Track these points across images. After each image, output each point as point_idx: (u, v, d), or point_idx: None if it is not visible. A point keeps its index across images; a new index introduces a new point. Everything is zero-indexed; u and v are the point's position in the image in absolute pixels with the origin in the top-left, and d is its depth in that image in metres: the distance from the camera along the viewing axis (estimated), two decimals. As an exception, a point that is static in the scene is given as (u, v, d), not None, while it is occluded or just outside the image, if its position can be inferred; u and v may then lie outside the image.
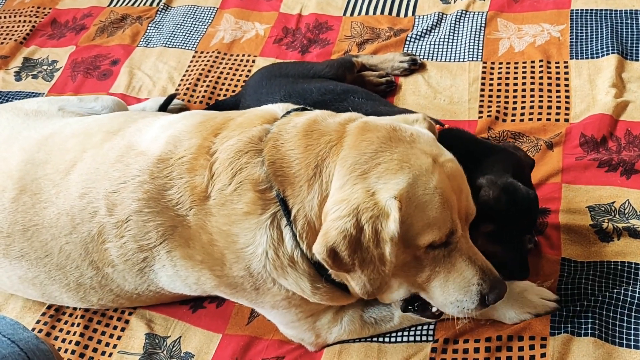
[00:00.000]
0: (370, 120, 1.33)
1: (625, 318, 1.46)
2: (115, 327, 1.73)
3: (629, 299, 1.48)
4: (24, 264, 1.59)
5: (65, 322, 1.76)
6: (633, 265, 1.57)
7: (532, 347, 1.46)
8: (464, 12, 2.40)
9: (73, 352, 1.69)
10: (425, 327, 1.56)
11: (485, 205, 1.43)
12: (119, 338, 1.71)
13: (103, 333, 1.73)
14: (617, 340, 1.44)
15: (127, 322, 1.73)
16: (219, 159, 1.36)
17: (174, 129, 1.47)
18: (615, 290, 1.51)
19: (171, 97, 2.24)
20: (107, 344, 1.70)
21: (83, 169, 1.51)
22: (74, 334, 1.73)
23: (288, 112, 1.42)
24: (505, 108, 2.06)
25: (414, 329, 1.56)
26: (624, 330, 1.45)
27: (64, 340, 1.73)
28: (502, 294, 1.32)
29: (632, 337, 1.43)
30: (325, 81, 1.99)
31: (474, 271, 1.29)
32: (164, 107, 2.21)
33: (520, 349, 1.46)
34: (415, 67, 2.24)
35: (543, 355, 1.44)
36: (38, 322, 1.77)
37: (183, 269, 1.46)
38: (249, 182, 1.32)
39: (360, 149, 1.23)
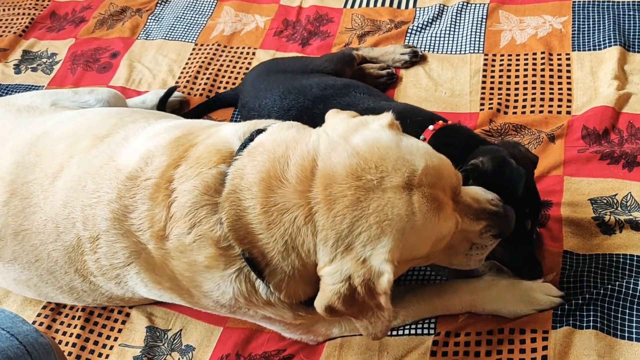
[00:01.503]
0: (330, 180, 1.18)
1: (627, 311, 1.46)
2: (116, 321, 1.73)
3: (630, 292, 1.47)
4: (16, 267, 1.58)
5: (66, 316, 1.76)
6: (635, 258, 1.56)
7: (533, 340, 1.46)
8: (465, 4, 2.38)
9: (74, 345, 1.69)
10: (427, 320, 1.55)
11: (474, 173, 1.43)
12: (119, 331, 1.71)
13: (104, 326, 1.73)
14: (618, 332, 1.44)
15: (127, 315, 1.73)
16: (177, 201, 1.31)
17: (153, 143, 1.42)
18: (617, 283, 1.51)
19: (171, 90, 2.23)
20: (108, 337, 1.71)
21: (68, 176, 1.48)
22: (75, 327, 1.73)
23: (243, 146, 1.32)
24: (507, 100, 2.05)
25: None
26: (626, 323, 1.45)
27: (64, 334, 1.73)
28: (510, 227, 1.36)
29: (633, 330, 1.43)
30: (325, 76, 1.96)
31: (480, 225, 1.32)
32: (164, 100, 2.20)
33: (522, 342, 1.46)
34: (416, 59, 2.23)
35: (545, 348, 1.43)
36: (39, 315, 1.77)
37: (155, 289, 1.45)
38: (209, 238, 1.27)
39: (335, 228, 1.16)
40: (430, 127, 1.60)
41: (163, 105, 2.20)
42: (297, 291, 1.27)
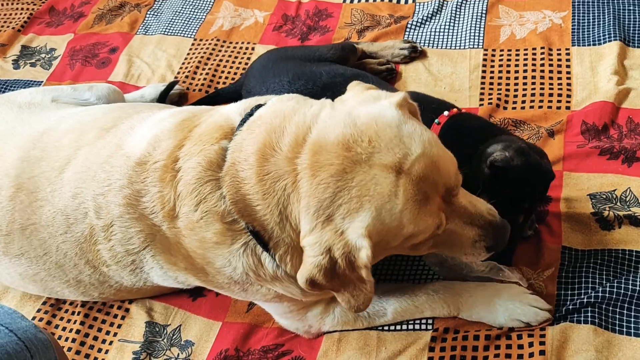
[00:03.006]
0: (319, 147, 1.18)
1: (626, 306, 1.46)
2: (115, 316, 1.73)
3: (630, 287, 1.47)
4: (23, 262, 1.59)
5: (66, 311, 1.76)
6: (634, 254, 1.56)
7: (531, 335, 1.46)
8: (465, -2, 2.38)
9: (74, 340, 1.70)
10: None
11: (496, 168, 1.43)
12: (119, 327, 1.71)
13: (103, 322, 1.73)
14: (617, 328, 1.44)
15: (127, 310, 1.74)
16: (183, 179, 1.32)
17: (159, 128, 1.44)
18: (615, 278, 1.51)
19: (172, 84, 2.23)
20: (108, 333, 1.71)
21: (76, 168, 1.49)
22: (74, 322, 1.73)
23: (243, 121, 1.33)
24: (507, 96, 2.05)
25: (413, 317, 1.56)
26: (624, 318, 1.45)
27: (64, 329, 1.73)
28: (504, 241, 1.33)
29: (632, 325, 1.43)
30: (334, 65, 1.99)
31: (473, 232, 1.28)
32: (164, 94, 2.20)
33: (519, 337, 1.46)
34: (415, 54, 2.23)
35: (542, 343, 1.44)
36: (39, 311, 1.77)
37: (170, 271, 1.46)
38: (214, 213, 1.29)
39: (317, 196, 1.16)
40: (445, 112, 1.63)
41: (163, 99, 2.20)
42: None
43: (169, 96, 2.22)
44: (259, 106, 1.36)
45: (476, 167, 1.50)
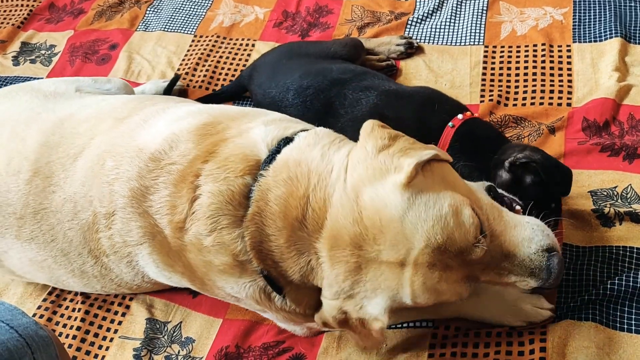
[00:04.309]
0: (335, 242, 1.22)
1: (627, 303, 1.46)
2: (116, 313, 1.73)
3: (630, 284, 1.47)
4: (33, 247, 1.59)
5: (66, 308, 1.77)
6: (635, 250, 1.56)
7: (531, 333, 1.46)
8: (465, -5, 2.38)
9: (74, 337, 1.70)
10: (426, 312, 1.56)
11: (516, 170, 1.45)
12: (119, 323, 1.71)
13: (104, 318, 1.73)
14: (618, 325, 1.44)
15: (127, 307, 1.74)
16: (201, 199, 1.32)
17: (177, 127, 1.43)
18: (616, 275, 1.51)
19: (176, 79, 2.24)
20: (108, 329, 1.71)
21: (89, 156, 1.50)
22: (75, 319, 1.73)
23: (269, 158, 1.32)
24: (507, 92, 2.04)
25: (414, 314, 1.57)
26: (625, 315, 1.45)
27: (64, 326, 1.73)
28: (556, 279, 1.26)
29: (633, 322, 1.43)
30: (345, 62, 2.00)
31: (510, 280, 1.25)
32: (169, 89, 2.20)
33: (520, 334, 1.46)
34: (412, 50, 2.22)
35: (543, 340, 1.44)
36: (39, 307, 1.77)
37: (166, 271, 1.47)
38: (228, 249, 1.31)
39: (338, 283, 1.24)
40: (460, 116, 1.67)
41: (168, 94, 2.21)
42: (316, 303, 1.33)
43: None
44: (286, 141, 1.35)
45: (493, 178, 1.53)
